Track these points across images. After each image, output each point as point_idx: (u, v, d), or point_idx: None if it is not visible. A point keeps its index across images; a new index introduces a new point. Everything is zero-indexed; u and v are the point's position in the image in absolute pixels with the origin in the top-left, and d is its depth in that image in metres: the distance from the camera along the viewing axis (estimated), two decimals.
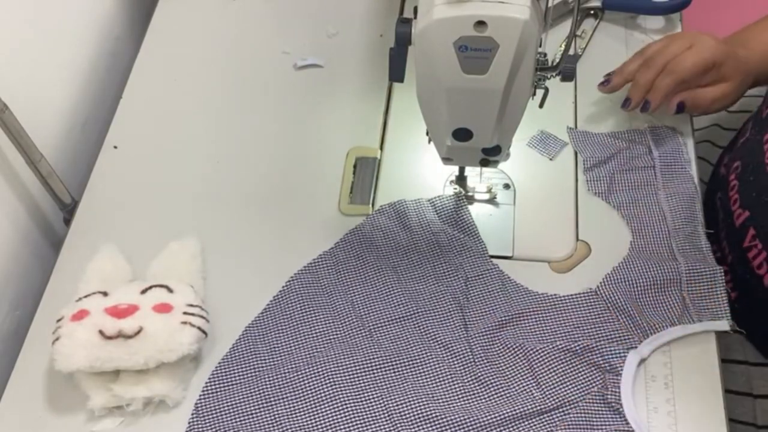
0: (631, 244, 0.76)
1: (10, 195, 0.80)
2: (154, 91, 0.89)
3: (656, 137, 0.82)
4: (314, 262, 0.75)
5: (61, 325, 0.66)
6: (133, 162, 0.84)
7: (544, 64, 0.63)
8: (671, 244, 0.75)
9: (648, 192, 0.79)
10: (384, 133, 0.85)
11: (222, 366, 0.70)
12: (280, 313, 0.73)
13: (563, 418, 0.66)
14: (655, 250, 0.75)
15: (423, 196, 0.79)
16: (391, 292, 0.73)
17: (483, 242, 0.76)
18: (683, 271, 0.72)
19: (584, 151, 0.82)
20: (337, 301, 0.73)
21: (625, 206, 0.78)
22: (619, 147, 0.82)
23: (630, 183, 0.80)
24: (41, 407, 0.69)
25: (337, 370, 0.69)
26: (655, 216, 0.77)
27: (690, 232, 0.75)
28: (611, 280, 0.73)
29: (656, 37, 0.91)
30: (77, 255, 0.77)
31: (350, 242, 0.76)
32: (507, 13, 0.54)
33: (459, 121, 0.64)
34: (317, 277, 0.75)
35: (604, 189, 0.79)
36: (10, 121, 0.73)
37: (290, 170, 0.83)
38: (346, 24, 0.94)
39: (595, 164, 0.81)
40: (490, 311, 0.72)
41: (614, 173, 0.80)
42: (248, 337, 0.71)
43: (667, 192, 0.78)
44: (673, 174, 0.80)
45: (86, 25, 0.92)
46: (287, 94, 0.89)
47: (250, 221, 0.79)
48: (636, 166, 0.81)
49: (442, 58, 0.57)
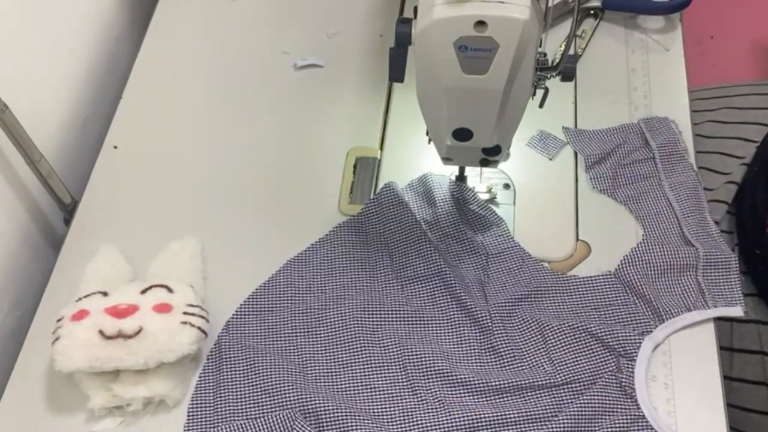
0: (643, 237, 0.76)
1: (10, 195, 0.80)
2: (154, 91, 0.89)
3: (650, 128, 0.82)
4: (360, 214, 0.78)
5: (61, 325, 0.66)
6: (133, 162, 0.84)
7: (544, 64, 0.63)
8: (683, 231, 0.75)
9: (652, 184, 0.79)
10: (384, 133, 0.85)
11: (259, 292, 0.74)
12: (322, 255, 0.76)
13: (575, 397, 0.67)
14: (669, 240, 0.75)
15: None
16: (424, 249, 0.75)
17: (504, 221, 0.78)
18: (701, 256, 0.73)
19: (583, 150, 0.82)
20: (377, 253, 0.76)
21: (632, 201, 0.78)
22: (616, 141, 0.82)
23: (633, 176, 0.80)
24: (41, 407, 0.69)
25: (363, 316, 0.72)
26: (662, 207, 0.77)
27: (699, 219, 0.76)
28: (629, 261, 0.73)
29: (656, 37, 0.91)
30: (77, 255, 0.77)
31: (388, 199, 0.78)
32: (507, 13, 0.54)
33: (459, 121, 0.64)
34: (362, 227, 0.77)
35: (608, 185, 0.80)
36: (10, 121, 0.73)
37: (290, 170, 0.83)
38: (346, 24, 0.94)
39: (595, 162, 0.81)
40: (509, 286, 0.73)
41: (616, 168, 0.80)
42: (286, 271, 0.75)
43: (670, 182, 0.79)
44: (673, 163, 0.80)
45: (86, 25, 0.92)
46: (287, 94, 0.89)
47: (250, 221, 0.79)
48: (636, 159, 0.81)
49: (442, 58, 0.57)
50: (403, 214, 0.77)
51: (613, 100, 0.86)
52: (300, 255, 0.76)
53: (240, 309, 0.73)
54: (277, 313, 0.73)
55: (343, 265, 0.75)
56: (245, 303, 0.73)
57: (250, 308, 0.73)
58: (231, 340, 0.71)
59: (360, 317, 0.72)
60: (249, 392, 0.68)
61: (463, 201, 0.79)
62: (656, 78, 0.87)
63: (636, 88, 0.87)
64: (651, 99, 0.86)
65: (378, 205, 0.78)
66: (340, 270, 0.75)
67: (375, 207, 0.78)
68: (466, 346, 0.70)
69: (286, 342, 0.71)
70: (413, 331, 0.71)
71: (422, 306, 0.73)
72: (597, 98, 0.86)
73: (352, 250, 0.76)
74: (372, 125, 0.86)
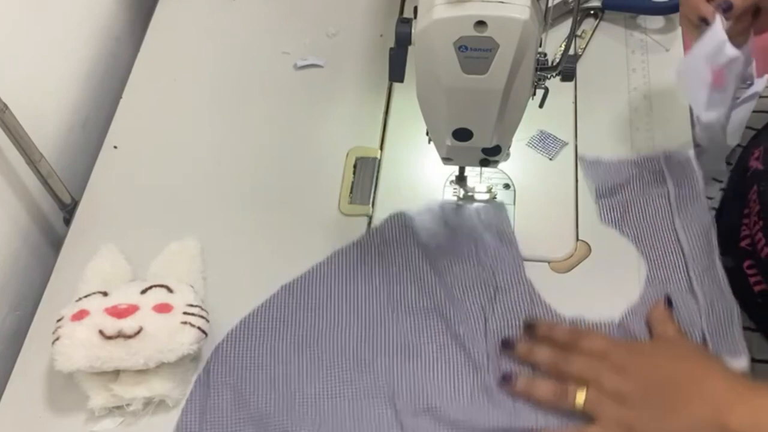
0: (647, 277, 0.73)
1: (10, 195, 0.80)
2: (154, 91, 0.89)
3: (670, 163, 0.79)
4: (362, 238, 0.76)
5: (61, 325, 0.66)
6: (133, 162, 0.84)
7: (544, 64, 0.63)
8: (689, 276, 0.72)
9: (663, 222, 0.76)
10: (384, 133, 0.85)
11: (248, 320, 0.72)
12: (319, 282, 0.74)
13: None
14: (673, 282, 0.73)
15: (423, 196, 0.80)
16: (425, 281, 0.74)
17: (520, 255, 0.75)
18: (702, 306, 0.70)
19: (596, 179, 0.79)
20: (375, 280, 0.74)
21: (640, 238, 0.76)
22: (632, 174, 0.79)
23: (644, 212, 0.77)
24: (41, 407, 0.69)
25: (355, 347, 0.70)
26: (671, 247, 0.74)
27: (707, 264, 0.73)
28: (633, 313, 0.71)
29: (656, 37, 0.91)
30: (77, 255, 0.77)
31: (395, 227, 0.77)
32: (507, 13, 0.54)
33: (459, 121, 0.64)
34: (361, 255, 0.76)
35: (617, 218, 0.77)
36: (10, 121, 0.73)
37: (290, 170, 0.83)
38: (346, 24, 0.94)
39: (607, 192, 0.78)
40: (512, 325, 0.71)
41: (627, 202, 0.78)
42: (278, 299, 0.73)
43: (683, 221, 0.76)
44: (688, 203, 0.77)
45: (86, 25, 0.92)
46: (287, 94, 0.89)
47: (250, 221, 0.79)
48: (650, 195, 0.78)
49: (442, 58, 0.57)
50: (407, 243, 0.76)
51: (613, 100, 0.86)
52: (295, 280, 0.74)
53: (230, 334, 0.71)
54: (268, 340, 0.71)
55: (339, 293, 0.74)
56: (236, 328, 0.72)
57: (241, 334, 0.71)
58: (219, 365, 0.69)
59: (352, 348, 0.70)
60: (234, 421, 0.67)
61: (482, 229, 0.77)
62: (656, 78, 0.87)
63: (636, 88, 0.87)
64: (651, 99, 0.86)
65: (380, 233, 0.77)
66: (335, 298, 0.73)
67: (377, 235, 0.77)
68: (458, 384, 0.68)
69: (275, 370, 0.69)
70: (405, 364, 0.69)
71: (417, 340, 0.71)
72: (597, 98, 0.86)
73: (349, 278, 0.74)
74: (372, 125, 0.86)
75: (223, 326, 0.72)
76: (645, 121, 0.84)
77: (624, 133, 0.84)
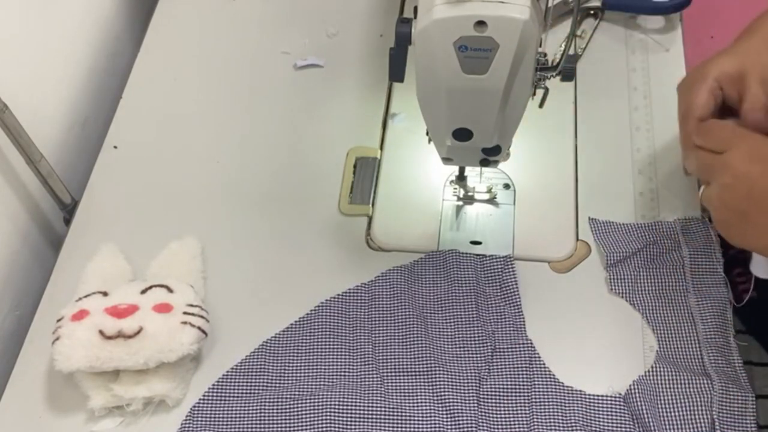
0: (657, 353, 0.69)
1: (10, 195, 0.80)
2: (154, 91, 0.89)
3: (687, 231, 0.75)
4: (349, 291, 0.74)
5: (61, 325, 0.66)
6: (133, 162, 0.84)
7: (544, 64, 0.63)
8: (702, 356, 0.68)
9: (677, 295, 0.72)
10: (384, 133, 0.85)
11: (229, 375, 0.69)
12: (301, 336, 0.72)
13: None
14: (685, 362, 0.68)
15: (423, 196, 0.80)
16: (415, 342, 0.70)
17: (522, 314, 0.72)
18: (716, 391, 0.66)
19: (606, 245, 0.75)
20: (360, 338, 0.71)
21: (650, 310, 0.71)
22: (645, 240, 0.75)
23: (657, 284, 0.72)
24: (41, 407, 0.69)
25: (338, 407, 0.67)
26: (684, 323, 0.70)
27: (722, 344, 0.69)
28: (639, 388, 0.67)
29: (656, 37, 0.91)
30: (77, 255, 0.77)
31: (391, 281, 0.74)
32: (507, 13, 0.54)
33: (459, 121, 0.64)
34: (348, 308, 0.73)
35: (627, 289, 0.72)
36: (10, 121, 0.73)
37: (290, 170, 0.83)
38: (346, 24, 0.94)
39: (618, 260, 0.74)
40: (509, 388, 0.68)
41: (639, 271, 0.73)
42: (262, 353, 0.71)
43: (697, 296, 0.71)
44: (704, 275, 0.72)
45: (86, 25, 0.92)
46: (287, 94, 0.89)
47: (250, 221, 0.79)
48: (663, 264, 0.73)
49: (442, 58, 0.57)
50: (399, 297, 0.73)
51: (613, 100, 0.86)
52: (276, 336, 0.72)
53: (208, 393, 0.69)
54: (246, 399, 0.68)
55: (322, 350, 0.71)
56: (213, 386, 0.69)
57: (218, 393, 0.69)
58: (196, 425, 0.67)
59: (333, 410, 0.67)
60: None
61: (490, 283, 0.74)
62: (656, 78, 0.87)
63: (636, 88, 0.87)
64: (651, 99, 0.86)
65: (369, 288, 0.74)
66: (318, 355, 0.70)
67: (365, 289, 0.74)
68: None
69: (253, 430, 0.67)
70: (387, 428, 0.66)
71: (400, 403, 0.67)
72: (597, 98, 0.86)
73: (333, 333, 0.72)
74: (372, 125, 0.86)
75: (223, 326, 0.72)
76: (645, 120, 0.84)
77: (624, 133, 0.84)
